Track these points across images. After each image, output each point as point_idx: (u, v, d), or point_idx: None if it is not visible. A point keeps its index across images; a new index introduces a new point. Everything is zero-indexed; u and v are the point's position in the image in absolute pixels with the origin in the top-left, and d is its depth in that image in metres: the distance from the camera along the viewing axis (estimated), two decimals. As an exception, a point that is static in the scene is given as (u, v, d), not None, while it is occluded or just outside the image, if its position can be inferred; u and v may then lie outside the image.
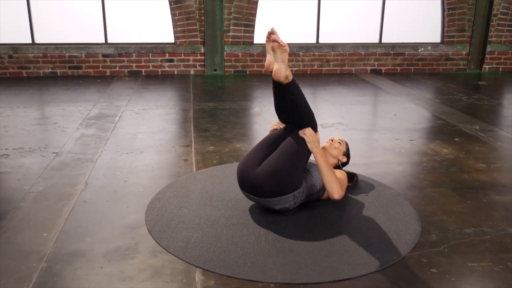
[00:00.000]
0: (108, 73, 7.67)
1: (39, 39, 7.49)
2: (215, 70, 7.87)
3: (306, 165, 2.92)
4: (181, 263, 2.37)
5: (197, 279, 2.24)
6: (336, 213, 2.93)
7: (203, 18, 7.59)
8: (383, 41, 8.24)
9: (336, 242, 2.57)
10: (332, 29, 8.07)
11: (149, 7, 7.60)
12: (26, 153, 3.97)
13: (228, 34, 7.74)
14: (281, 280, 2.22)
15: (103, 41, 7.63)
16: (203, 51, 7.77)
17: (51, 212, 2.89)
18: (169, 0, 7.51)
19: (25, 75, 7.50)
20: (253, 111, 5.63)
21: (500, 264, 2.42)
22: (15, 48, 7.38)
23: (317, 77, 7.86)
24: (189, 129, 4.77)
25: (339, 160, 3.25)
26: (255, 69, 7.96)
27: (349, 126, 4.93)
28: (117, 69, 7.67)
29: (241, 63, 7.91)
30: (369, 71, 8.25)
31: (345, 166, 3.38)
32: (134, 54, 7.65)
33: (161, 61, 7.75)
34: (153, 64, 7.74)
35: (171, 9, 7.56)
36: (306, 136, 2.78)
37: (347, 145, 3.35)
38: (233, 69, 7.92)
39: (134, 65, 7.70)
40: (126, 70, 7.70)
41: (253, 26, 7.78)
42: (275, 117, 2.86)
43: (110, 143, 4.27)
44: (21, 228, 2.69)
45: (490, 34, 8.28)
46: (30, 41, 7.46)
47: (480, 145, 4.34)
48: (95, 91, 6.51)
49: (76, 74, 7.61)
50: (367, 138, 4.57)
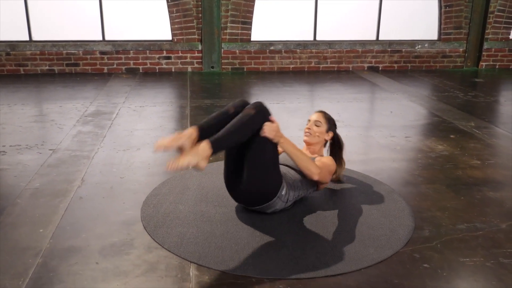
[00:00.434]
0: (105, 70, 7.68)
1: (36, 37, 7.49)
2: (212, 68, 7.88)
3: (281, 167, 2.86)
4: (176, 258, 2.39)
5: (191, 274, 2.26)
6: (330, 209, 2.96)
7: (200, 15, 7.60)
8: (380, 38, 8.25)
9: (330, 238, 2.60)
10: (329, 26, 8.08)
11: (146, 4, 7.60)
12: (23, 150, 3.99)
13: (225, 31, 7.74)
14: (274, 275, 2.25)
15: (100, 38, 7.63)
16: (200, 48, 7.78)
17: (47, 209, 2.91)
18: (166, -3, 7.53)
19: (22, 72, 7.50)
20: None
21: (491, 259, 2.44)
22: (13, 45, 7.39)
23: (314, 74, 7.87)
24: (185, 126, 4.78)
25: (326, 140, 3.15)
26: (252, 66, 7.97)
27: (345, 123, 4.95)
28: (115, 66, 7.68)
29: (239, 60, 7.92)
30: (366, 68, 8.26)
31: (341, 149, 3.21)
32: (131, 52, 7.66)
33: (159, 58, 7.76)
34: (150, 61, 7.75)
35: (169, 7, 7.57)
36: (267, 134, 2.63)
37: (326, 118, 3.14)
38: (230, 66, 7.93)
39: (132, 62, 7.71)
40: (123, 68, 7.71)
41: (250, 24, 7.79)
42: (272, 113, 2.77)
43: (107, 140, 4.29)
44: (17, 224, 2.71)
45: (487, 31, 8.30)
46: (27, 39, 7.46)
47: (475, 142, 4.36)
48: (92, 88, 6.52)
49: (73, 72, 7.61)
50: (363, 135, 4.59)
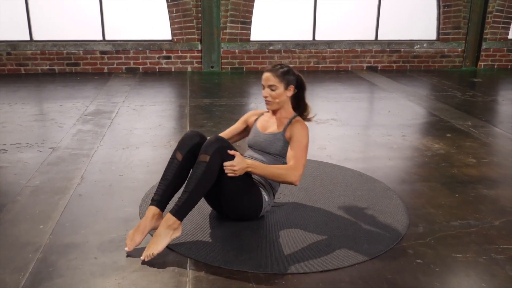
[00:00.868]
0: (105, 70, 7.72)
1: (37, 36, 7.54)
2: (212, 67, 7.92)
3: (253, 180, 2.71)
4: (173, 254, 2.43)
5: (188, 269, 2.31)
6: (325, 206, 2.99)
7: (200, 15, 7.64)
8: (379, 38, 8.29)
9: (325, 235, 2.64)
10: (328, 26, 8.12)
11: (146, 4, 7.65)
12: (23, 148, 4.03)
13: (225, 31, 7.78)
14: (269, 270, 2.29)
15: (100, 38, 7.68)
16: (200, 48, 7.82)
17: (47, 206, 2.95)
18: (166, -3, 7.57)
19: (23, 72, 7.55)
20: (248, 107, 5.68)
21: (484, 255, 2.48)
22: (13, 45, 7.43)
23: (314, 74, 7.91)
24: (184, 125, 4.82)
25: (288, 97, 2.70)
26: (251, 66, 8.01)
27: (343, 122, 4.99)
28: (115, 66, 7.72)
29: (238, 60, 7.96)
30: (365, 68, 8.30)
31: (304, 91, 2.76)
32: (131, 51, 7.70)
33: (159, 58, 7.80)
34: (150, 61, 7.79)
35: (168, 7, 7.61)
36: (232, 175, 2.47)
37: (278, 75, 2.61)
38: (230, 66, 7.97)
39: (132, 62, 7.75)
40: (123, 67, 7.76)
41: (249, 24, 7.83)
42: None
43: (106, 138, 4.33)
44: (18, 221, 2.75)
45: (485, 31, 8.33)
46: (28, 38, 7.50)
47: (471, 140, 4.40)
48: (92, 87, 6.56)
49: (74, 71, 7.66)
50: (360, 134, 4.63)
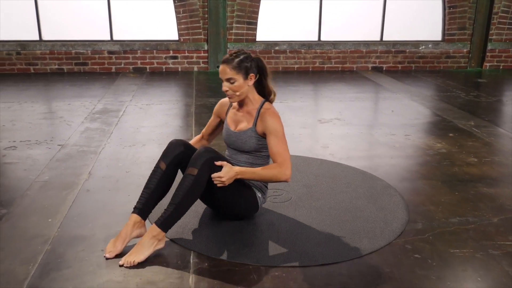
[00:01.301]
0: (113, 70, 7.83)
1: (46, 36, 7.66)
2: (218, 67, 7.98)
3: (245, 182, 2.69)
4: (177, 247, 2.50)
5: (191, 261, 2.38)
6: (326, 203, 3.06)
7: (206, 16, 7.73)
8: (384, 38, 8.33)
9: (325, 230, 2.70)
10: (334, 26, 8.17)
11: (153, 5, 7.74)
12: (32, 145, 4.13)
13: (231, 31, 7.86)
14: (270, 263, 2.35)
15: (108, 38, 7.79)
16: (206, 48, 7.90)
17: (55, 200, 3.04)
18: (173, -2, 7.67)
19: (32, 71, 7.67)
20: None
21: (481, 250, 2.53)
22: (23, 44, 7.56)
23: (319, 74, 7.97)
24: (190, 123, 4.90)
25: (251, 86, 2.59)
26: (257, 66, 8.07)
27: (346, 121, 5.05)
28: (122, 65, 7.83)
29: (244, 60, 8.02)
30: (370, 69, 8.34)
31: (266, 76, 2.63)
32: (139, 51, 7.80)
33: (165, 58, 7.89)
34: (157, 61, 7.89)
35: (175, 7, 7.70)
36: (221, 185, 2.47)
37: (234, 67, 2.49)
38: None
39: (139, 62, 7.85)
40: (131, 67, 7.86)
41: (255, 24, 7.90)
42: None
43: (113, 136, 4.42)
44: (27, 214, 2.84)
45: (491, 32, 8.35)
46: (37, 38, 7.63)
47: (473, 140, 4.44)
48: (100, 87, 6.66)
49: (82, 71, 7.77)
50: (363, 133, 4.69)
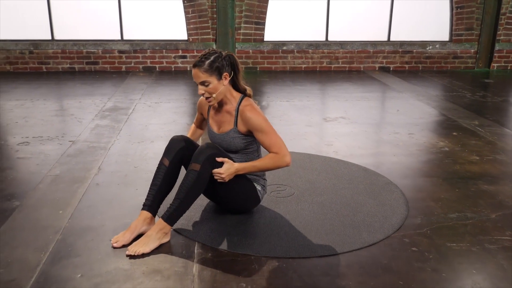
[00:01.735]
0: (123, 69, 7.96)
1: (58, 36, 7.82)
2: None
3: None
4: (182, 238, 2.60)
5: (195, 251, 2.47)
6: (327, 198, 3.14)
7: (215, 16, 7.83)
8: (391, 39, 8.38)
9: (326, 224, 2.78)
10: (341, 27, 8.25)
11: (163, 5, 7.87)
12: (44, 141, 4.25)
13: (239, 31, 7.96)
14: (271, 254, 2.44)
15: (119, 37, 7.92)
16: (215, 48, 7.99)
17: (66, 193, 3.15)
18: (182, -2, 7.78)
19: (44, 70, 7.83)
20: (260, 105, 5.84)
21: (477, 245, 2.60)
22: (36, 44, 7.72)
23: (326, 74, 8.04)
24: (197, 121, 5.00)
25: (227, 85, 2.69)
26: (265, 65, 8.18)
27: (351, 120, 5.12)
28: (132, 64, 7.96)
29: (252, 60, 8.14)
30: (377, 69, 8.40)
31: (238, 73, 2.74)
32: (148, 51, 7.93)
33: (175, 57, 8.01)
34: (166, 60, 8.01)
35: (184, 7, 7.82)
36: (222, 181, 2.59)
37: (206, 70, 2.58)
38: (244, 66, 8.13)
39: (149, 61, 7.98)
40: (140, 66, 7.99)
41: (263, 24, 7.99)
42: (281, 110, 2.96)
43: (123, 133, 4.53)
44: (39, 206, 2.96)
45: (498, 32, 8.37)
46: (50, 38, 7.79)
47: (476, 139, 4.49)
48: (110, 85, 6.79)
49: (93, 70, 7.91)
50: (367, 131, 4.75)
